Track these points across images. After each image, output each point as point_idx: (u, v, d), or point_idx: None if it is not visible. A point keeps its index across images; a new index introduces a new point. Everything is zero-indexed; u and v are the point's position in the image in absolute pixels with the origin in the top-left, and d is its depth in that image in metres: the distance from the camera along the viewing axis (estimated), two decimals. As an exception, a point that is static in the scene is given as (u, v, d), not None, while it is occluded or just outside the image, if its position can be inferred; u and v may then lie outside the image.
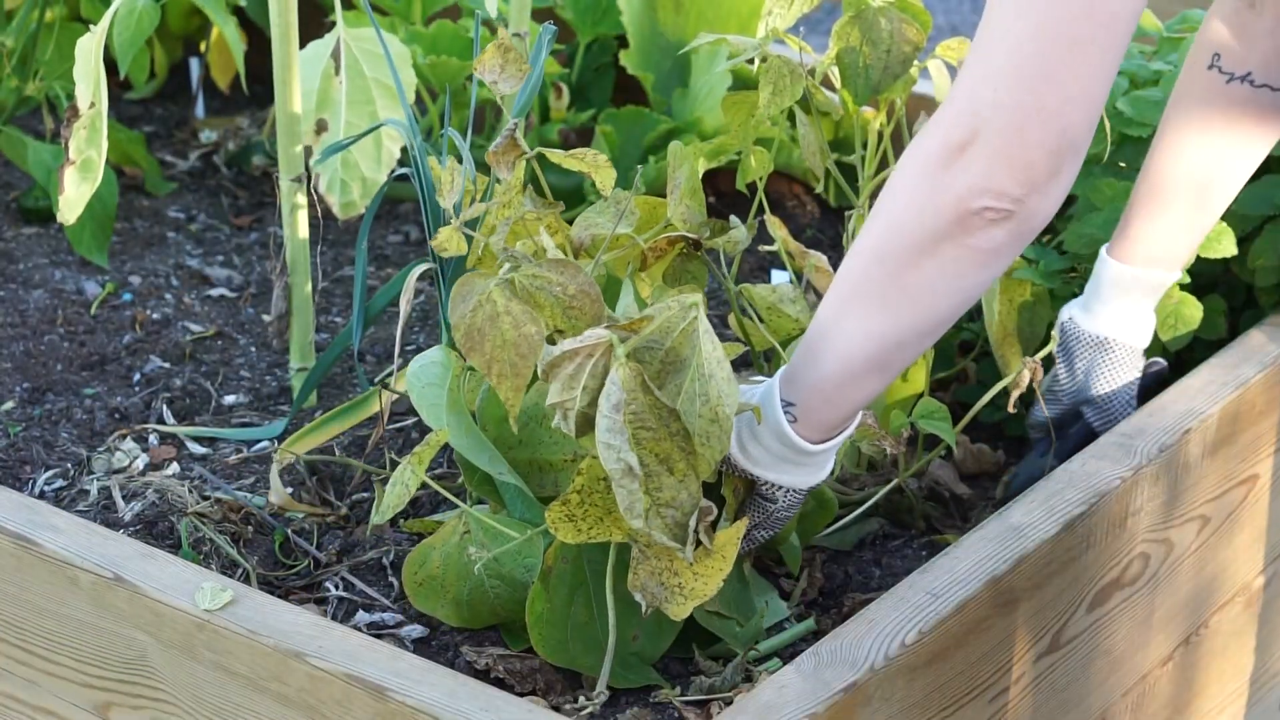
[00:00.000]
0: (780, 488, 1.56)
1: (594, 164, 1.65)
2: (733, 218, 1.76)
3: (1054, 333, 1.81)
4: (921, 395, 1.87)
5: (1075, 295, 2.01)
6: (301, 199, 1.97)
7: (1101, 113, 1.42)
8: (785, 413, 1.51)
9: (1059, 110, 1.38)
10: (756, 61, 1.85)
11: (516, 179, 1.64)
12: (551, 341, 1.51)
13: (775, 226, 1.83)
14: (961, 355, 2.09)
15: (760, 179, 1.86)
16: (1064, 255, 1.96)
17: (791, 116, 2.26)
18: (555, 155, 1.66)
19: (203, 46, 2.71)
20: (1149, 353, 1.89)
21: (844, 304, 1.48)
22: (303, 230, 1.99)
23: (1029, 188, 1.40)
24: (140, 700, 1.58)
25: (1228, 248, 1.88)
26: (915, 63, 1.92)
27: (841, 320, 1.48)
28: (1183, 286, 1.90)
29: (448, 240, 1.65)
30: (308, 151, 2.02)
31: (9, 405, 2.04)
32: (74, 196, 1.97)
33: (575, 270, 1.52)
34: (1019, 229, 1.42)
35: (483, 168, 2.45)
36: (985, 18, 1.41)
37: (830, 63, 1.88)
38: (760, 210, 1.84)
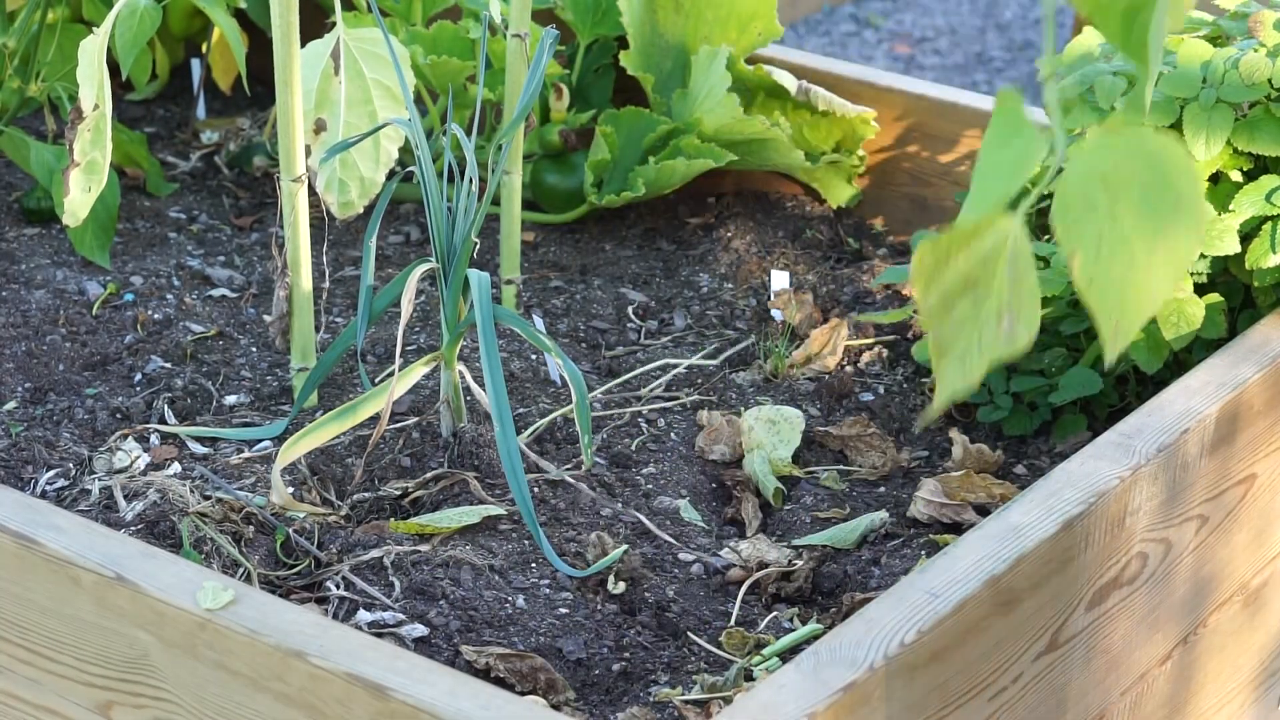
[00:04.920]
0: None
1: None
2: None
3: None
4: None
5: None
6: (303, 199, 1.98)
7: None
8: None
9: None
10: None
11: None
12: None
13: None
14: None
15: None
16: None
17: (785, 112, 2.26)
18: None
19: (204, 47, 2.71)
20: (1152, 350, 1.89)
21: None
22: (304, 230, 1.99)
23: None
24: (142, 699, 1.58)
25: (1230, 245, 1.88)
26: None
27: None
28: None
29: None
30: (308, 151, 2.02)
31: (11, 405, 2.05)
32: (79, 198, 1.97)
33: None
34: None
35: (484, 168, 2.46)
36: None
37: None
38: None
